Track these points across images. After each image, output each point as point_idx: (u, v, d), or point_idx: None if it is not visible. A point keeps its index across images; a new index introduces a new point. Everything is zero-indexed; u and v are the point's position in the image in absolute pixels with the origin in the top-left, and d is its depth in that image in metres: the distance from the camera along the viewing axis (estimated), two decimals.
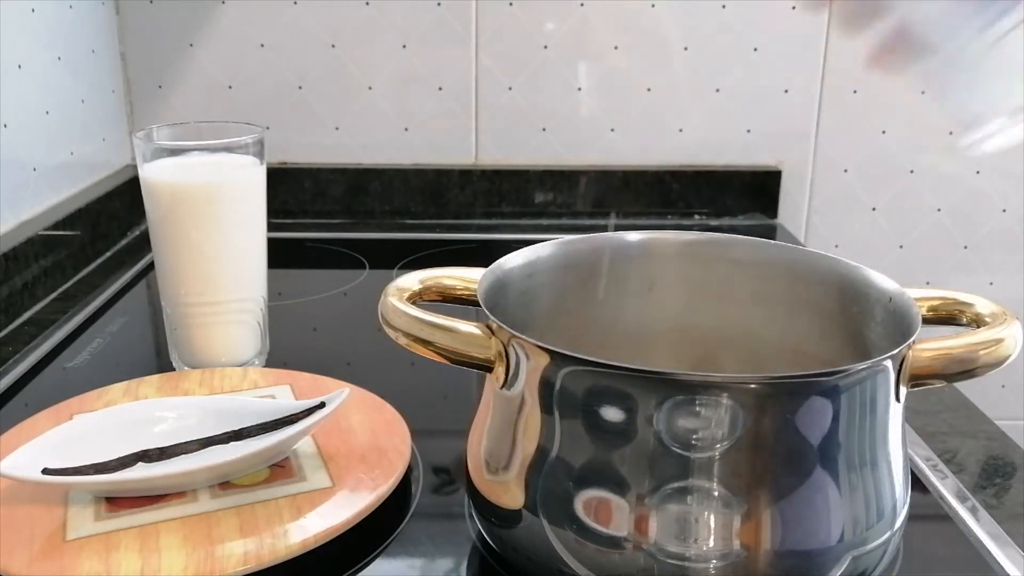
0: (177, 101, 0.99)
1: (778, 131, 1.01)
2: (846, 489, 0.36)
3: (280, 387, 0.57)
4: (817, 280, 0.46)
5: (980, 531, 0.47)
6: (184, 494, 0.46)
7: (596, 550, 0.36)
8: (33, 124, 0.81)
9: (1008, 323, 0.39)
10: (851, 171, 1.03)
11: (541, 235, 0.72)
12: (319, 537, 0.42)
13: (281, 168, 1.01)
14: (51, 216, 0.81)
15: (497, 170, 1.02)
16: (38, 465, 0.44)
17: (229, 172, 0.58)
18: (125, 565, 0.40)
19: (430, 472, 0.51)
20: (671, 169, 1.02)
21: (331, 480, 0.47)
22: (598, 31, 0.98)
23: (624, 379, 0.35)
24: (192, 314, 0.60)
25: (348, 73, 0.99)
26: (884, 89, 1.00)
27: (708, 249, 0.49)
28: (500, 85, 0.99)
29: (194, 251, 0.58)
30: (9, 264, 0.72)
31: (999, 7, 0.44)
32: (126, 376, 0.58)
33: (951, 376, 0.38)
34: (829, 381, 0.35)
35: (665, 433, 0.35)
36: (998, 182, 1.03)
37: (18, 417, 0.53)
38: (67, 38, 0.87)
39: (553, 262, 0.48)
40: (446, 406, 0.60)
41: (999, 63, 0.45)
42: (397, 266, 0.86)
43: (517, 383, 0.39)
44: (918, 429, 0.57)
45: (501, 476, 0.40)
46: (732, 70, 0.99)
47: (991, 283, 1.06)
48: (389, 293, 0.42)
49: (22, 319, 0.73)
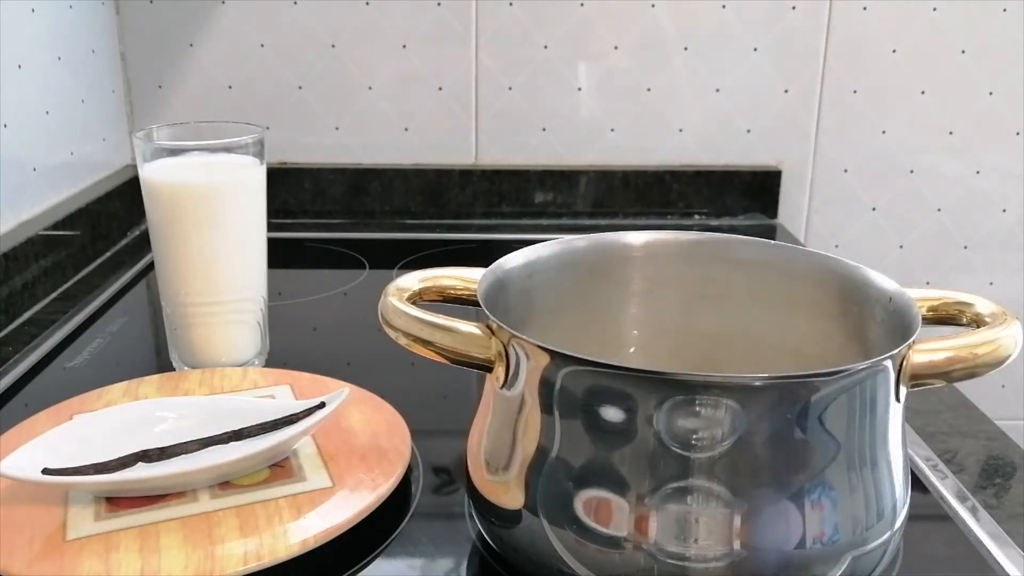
0: (177, 101, 0.99)
1: (778, 131, 1.01)
2: (846, 489, 0.36)
3: (280, 387, 0.57)
4: (817, 280, 0.46)
5: (980, 531, 0.47)
6: (184, 494, 0.46)
7: (596, 550, 0.36)
8: (33, 124, 0.81)
9: (1008, 323, 0.39)
10: (851, 171, 1.03)
11: (541, 235, 0.72)
12: (319, 537, 0.42)
13: (281, 168, 1.01)
14: (51, 216, 0.81)
15: (497, 170, 1.02)
16: (38, 465, 0.44)
17: (229, 172, 0.58)
18: (125, 565, 0.40)
19: (430, 472, 0.51)
20: (671, 169, 1.02)
21: (331, 480, 0.47)
22: (598, 31, 0.98)
23: (624, 379, 0.35)
24: (192, 314, 0.60)
25: (348, 73, 0.99)
26: (884, 89, 1.00)
27: (708, 249, 0.49)
28: (500, 85, 0.99)
29: (194, 251, 0.58)
30: (9, 264, 0.72)
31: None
32: (126, 376, 0.58)
33: (951, 376, 0.38)
34: (829, 381, 0.35)
35: (665, 433, 0.35)
36: (998, 182, 1.03)
37: (18, 417, 0.53)
38: (67, 38, 0.87)
39: (553, 262, 0.48)
40: (446, 406, 0.60)
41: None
42: (397, 266, 0.86)
43: (517, 383, 0.39)
44: (918, 429, 0.57)
45: (501, 476, 0.40)
46: (732, 70, 0.99)
47: (991, 283, 1.06)
48: (389, 293, 0.42)
49: (22, 319, 0.73)
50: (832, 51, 0.98)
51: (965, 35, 0.98)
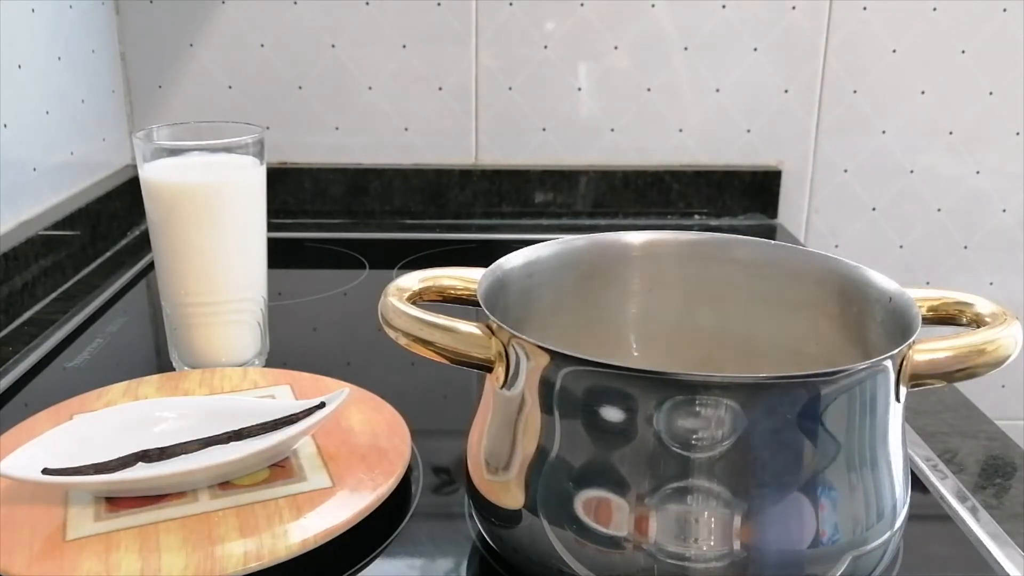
0: (177, 101, 0.99)
1: (778, 131, 1.01)
2: (846, 489, 0.36)
3: (280, 387, 0.57)
4: (817, 280, 0.46)
5: (980, 531, 0.47)
6: (184, 494, 0.46)
7: (596, 550, 0.36)
8: (33, 124, 0.81)
9: (1008, 323, 0.39)
10: (851, 171, 1.03)
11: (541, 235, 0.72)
12: (319, 537, 0.42)
13: (281, 168, 1.01)
14: (51, 216, 0.81)
15: (497, 170, 1.02)
16: (38, 465, 0.44)
17: (229, 172, 0.58)
18: (125, 565, 0.40)
19: (430, 472, 0.51)
20: (671, 169, 1.02)
21: (331, 480, 0.47)
22: (598, 31, 0.98)
23: (624, 379, 0.35)
24: (192, 314, 0.60)
25: (348, 73, 0.99)
26: (884, 89, 1.00)
27: (708, 249, 0.49)
28: (500, 85, 0.99)
29: (194, 251, 0.58)
30: (9, 264, 0.72)
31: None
32: (126, 376, 0.58)
33: (951, 376, 0.38)
34: (829, 381, 0.35)
35: (665, 433, 0.35)
36: (998, 182, 1.03)
37: (18, 417, 0.53)
38: (67, 38, 0.87)
39: (553, 262, 0.48)
40: (446, 406, 0.60)
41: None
42: (397, 266, 0.86)
43: (517, 383, 0.39)
44: (918, 429, 0.57)
45: (501, 476, 0.40)
46: (732, 70, 0.99)
47: (991, 283, 1.06)
48: (389, 293, 0.42)
49: (22, 319, 0.73)
50: (832, 51, 0.98)
51: (965, 35, 0.98)
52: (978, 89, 1.00)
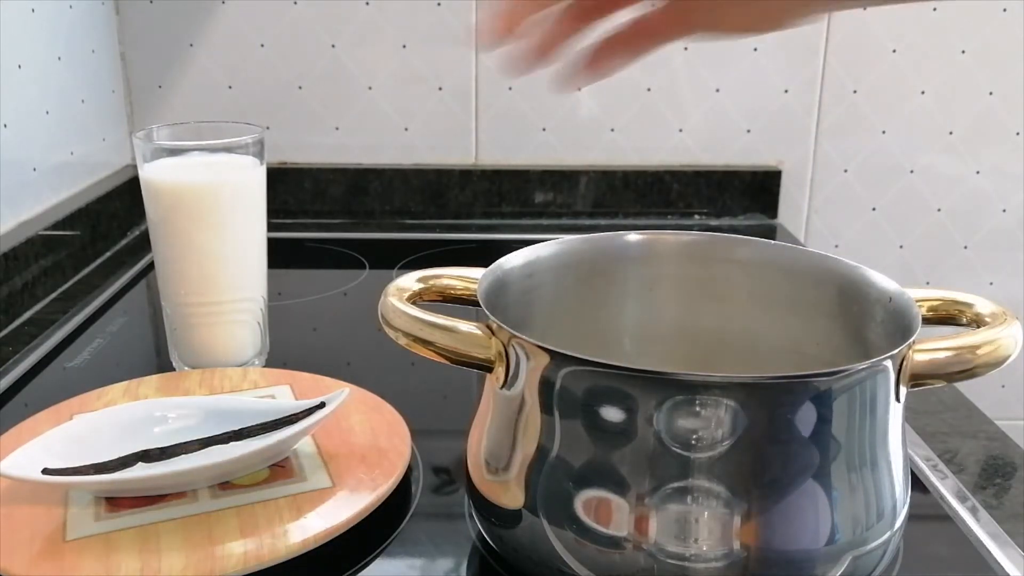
0: (177, 101, 0.99)
1: (778, 131, 1.01)
2: (846, 489, 0.36)
3: (280, 387, 0.57)
4: (817, 280, 0.46)
5: (980, 531, 0.47)
6: (184, 494, 0.46)
7: (596, 550, 0.36)
8: (33, 124, 0.81)
9: (1008, 323, 0.39)
10: (851, 171, 1.03)
11: (541, 235, 0.72)
12: (319, 537, 0.42)
13: (281, 168, 1.01)
14: (51, 216, 0.81)
15: (497, 170, 1.02)
16: (38, 465, 0.44)
17: (229, 172, 0.58)
18: (125, 565, 0.40)
19: (430, 472, 0.51)
20: (671, 169, 1.02)
21: (331, 480, 0.47)
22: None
23: (624, 379, 0.35)
24: (192, 314, 0.60)
25: (348, 73, 0.99)
26: (884, 89, 1.00)
27: (708, 249, 0.49)
28: (500, 85, 0.99)
29: (194, 251, 0.58)
30: (9, 264, 0.72)
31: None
32: (126, 376, 0.58)
33: (951, 376, 0.38)
34: (829, 381, 0.35)
35: (665, 433, 0.35)
36: (998, 182, 1.03)
37: (18, 417, 0.53)
38: (67, 38, 0.87)
39: (553, 262, 0.48)
40: (446, 406, 0.60)
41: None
42: (397, 266, 0.86)
43: (517, 383, 0.39)
44: (918, 429, 0.57)
45: (501, 476, 0.40)
46: (732, 70, 0.99)
47: (991, 283, 1.06)
48: (389, 293, 0.42)
49: (22, 319, 0.73)
50: (832, 51, 0.98)
51: (965, 35, 0.98)
52: (978, 89, 1.00)
